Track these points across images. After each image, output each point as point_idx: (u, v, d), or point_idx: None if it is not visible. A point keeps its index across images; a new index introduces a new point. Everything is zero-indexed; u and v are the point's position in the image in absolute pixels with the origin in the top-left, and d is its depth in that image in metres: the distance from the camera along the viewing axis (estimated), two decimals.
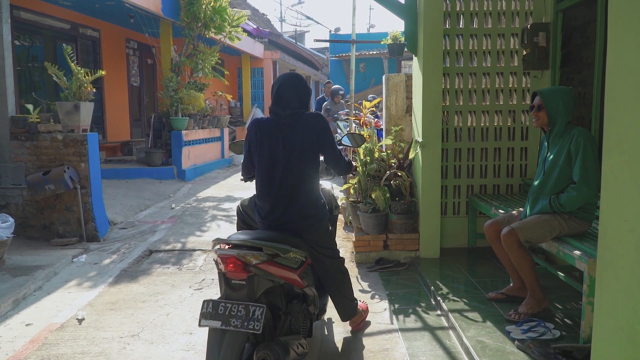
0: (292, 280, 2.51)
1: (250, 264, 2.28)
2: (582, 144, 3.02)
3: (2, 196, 5.67)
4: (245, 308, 2.23)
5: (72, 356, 3.09)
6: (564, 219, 3.12)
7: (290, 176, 2.76)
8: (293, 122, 2.79)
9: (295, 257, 2.51)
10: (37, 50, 9.43)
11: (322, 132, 2.83)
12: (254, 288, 2.32)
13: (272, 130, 2.81)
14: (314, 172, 2.86)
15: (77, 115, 5.59)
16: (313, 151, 2.83)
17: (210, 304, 2.28)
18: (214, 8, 10.12)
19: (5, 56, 5.45)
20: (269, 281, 2.38)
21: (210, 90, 12.08)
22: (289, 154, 2.76)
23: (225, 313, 2.24)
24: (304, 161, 2.78)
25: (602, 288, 1.80)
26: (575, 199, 3.04)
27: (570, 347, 2.71)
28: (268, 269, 2.34)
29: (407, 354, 3.03)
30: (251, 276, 2.31)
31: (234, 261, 2.28)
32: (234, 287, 2.33)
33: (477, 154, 4.84)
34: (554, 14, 4.45)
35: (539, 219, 3.17)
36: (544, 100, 3.20)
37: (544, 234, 3.15)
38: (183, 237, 5.79)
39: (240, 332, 2.22)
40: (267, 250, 2.34)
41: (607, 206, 1.75)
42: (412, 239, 4.70)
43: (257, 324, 2.20)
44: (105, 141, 10.99)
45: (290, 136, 2.77)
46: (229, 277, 2.33)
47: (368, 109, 5.54)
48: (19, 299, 3.93)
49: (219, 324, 2.22)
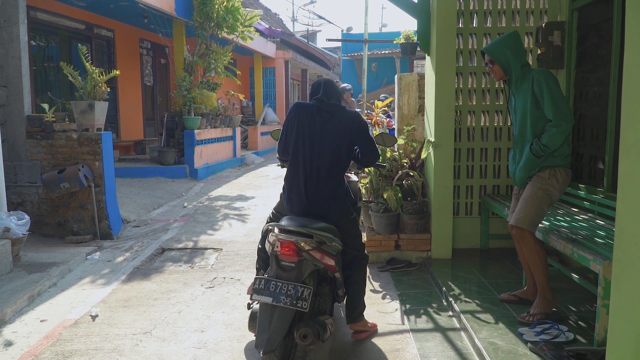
0: (330, 266, 2.74)
1: (303, 249, 2.55)
2: (543, 82, 3.04)
3: (18, 194, 5.76)
4: (294, 288, 2.48)
5: (86, 352, 3.13)
6: (547, 182, 3.13)
7: (322, 158, 2.96)
8: (334, 111, 3.02)
9: (335, 245, 2.76)
10: (52, 50, 9.56)
11: (359, 128, 3.03)
12: (302, 270, 2.58)
13: (313, 114, 3.02)
14: (344, 159, 3.03)
15: (92, 115, 5.65)
16: (346, 141, 3.00)
17: (262, 281, 2.52)
18: (227, 8, 10.16)
19: (22, 56, 5.53)
20: (313, 265, 2.63)
21: (222, 90, 12.14)
22: (324, 137, 2.97)
23: (276, 290, 2.47)
24: (336, 147, 2.97)
25: (617, 290, 1.77)
26: (556, 135, 3.03)
27: (585, 350, 2.67)
28: (316, 255, 2.61)
29: (418, 355, 3.02)
30: (301, 260, 2.57)
31: (290, 245, 2.53)
32: (284, 268, 2.57)
33: (490, 154, 4.80)
34: (569, 13, 4.39)
35: (528, 200, 3.17)
36: (491, 53, 3.27)
37: (542, 209, 3.16)
38: (195, 236, 5.83)
39: (289, 309, 2.45)
40: (317, 238, 2.59)
41: (624, 207, 1.72)
42: (423, 239, 4.68)
43: (305, 303, 2.45)
44: (119, 140, 11.09)
45: (329, 122, 2.99)
46: (282, 258, 2.57)
47: (380, 109, 5.52)
48: (34, 295, 3.99)
49: (270, 300, 2.46)
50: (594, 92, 4.11)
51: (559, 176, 3.14)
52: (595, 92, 4.10)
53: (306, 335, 2.47)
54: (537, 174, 3.19)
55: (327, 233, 2.70)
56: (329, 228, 2.79)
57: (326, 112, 3.02)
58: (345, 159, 3.05)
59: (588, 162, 4.20)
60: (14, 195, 5.72)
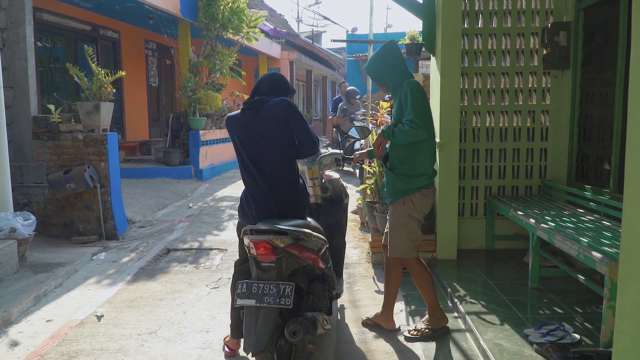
0: (314, 261, 2.69)
1: (278, 247, 2.49)
2: (409, 92, 3.02)
3: (25, 194, 5.80)
4: (276, 286, 2.46)
5: (91, 352, 3.14)
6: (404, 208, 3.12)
7: (266, 162, 2.77)
8: (256, 109, 2.77)
9: (316, 240, 2.69)
10: (58, 51, 9.61)
11: (287, 112, 2.74)
12: (282, 269, 2.54)
13: (238, 122, 2.83)
14: (288, 154, 2.81)
15: (98, 115, 5.68)
16: (281, 134, 2.75)
17: (244, 285, 2.50)
18: (232, 9, 10.18)
19: (29, 57, 5.57)
20: (294, 262, 2.59)
21: (227, 91, 12.16)
22: (255, 141, 2.77)
23: (258, 292, 2.46)
24: (274, 145, 2.75)
25: (624, 292, 1.76)
26: (408, 132, 2.98)
27: (591, 352, 2.66)
28: (294, 251, 2.56)
29: (424, 356, 3.01)
30: (279, 258, 2.52)
31: (264, 245, 2.48)
32: (264, 269, 2.55)
33: (495, 154, 4.78)
34: (575, 13, 4.38)
35: (394, 230, 3.18)
36: (369, 74, 3.29)
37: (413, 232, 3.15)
38: (200, 236, 5.84)
39: (273, 308, 2.44)
40: (292, 234, 2.53)
41: (630, 208, 1.71)
42: (429, 240, 4.66)
43: (287, 300, 2.43)
44: (125, 141, 11.14)
45: (252, 124, 2.76)
46: (260, 260, 2.54)
47: (385, 109, 5.51)
48: (39, 296, 4.01)
49: (254, 302, 2.44)
50: (600, 93, 4.09)
51: (415, 199, 3.12)
52: (601, 92, 4.08)
53: (295, 331, 2.46)
54: (393, 203, 3.18)
55: (304, 229, 2.63)
56: (306, 224, 2.74)
57: (247, 114, 2.78)
58: (289, 154, 2.81)
59: (594, 163, 4.18)
60: (20, 195, 5.75)
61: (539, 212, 3.90)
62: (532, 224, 3.67)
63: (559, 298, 3.61)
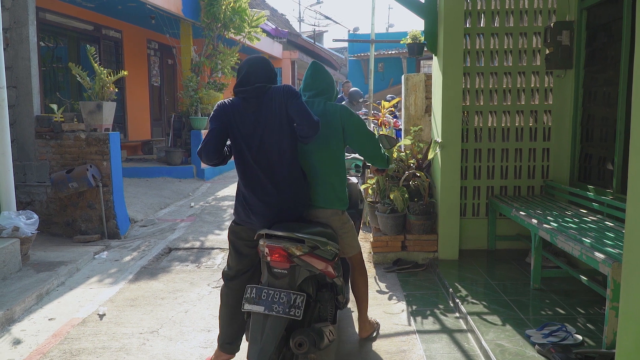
0: (326, 271, 2.62)
1: (294, 255, 2.41)
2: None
3: (27, 193, 5.81)
4: (287, 295, 2.36)
5: (93, 351, 3.14)
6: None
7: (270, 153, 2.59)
8: (261, 95, 2.58)
9: (331, 249, 2.62)
10: (61, 51, 9.63)
11: (289, 97, 2.57)
12: (295, 277, 2.46)
13: (239, 112, 2.60)
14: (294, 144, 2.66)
15: (100, 115, 5.69)
16: (290, 125, 2.60)
17: (254, 290, 2.40)
18: (234, 9, 10.19)
19: (31, 57, 5.58)
20: (307, 271, 2.51)
21: (229, 90, 12.17)
22: (263, 129, 2.57)
23: (268, 299, 2.36)
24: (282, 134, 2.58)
25: (627, 293, 1.76)
26: None
27: (593, 353, 2.65)
28: (309, 260, 2.48)
29: (425, 356, 3.01)
30: (293, 266, 2.44)
31: (280, 252, 2.41)
32: (276, 276, 2.45)
33: (497, 154, 4.77)
34: (578, 12, 4.36)
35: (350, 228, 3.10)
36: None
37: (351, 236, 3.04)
38: (202, 236, 5.85)
39: (282, 318, 2.35)
40: (308, 242, 2.45)
41: (633, 208, 1.71)
42: (430, 240, 4.66)
43: (298, 311, 2.34)
44: (127, 140, 11.15)
45: (261, 110, 2.57)
46: (273, 265, 2.45)
47: (387, 109, 5.51)
48: (42, 294, 4.01)
49: (262, 309, 2.34)
50: (603, 93, 4.08)
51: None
52: (604, 92, 4.07)
53: (301, 343, 2.35)
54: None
55: (321, 237, 2.54)
56: (323, 232, 2.63)
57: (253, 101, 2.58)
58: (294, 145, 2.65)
59: (597, 163, 4.17)
60: (23, 194, 5.76)
61: (541, 212, 3.89)
62: (534, 224, 3.67)
63: (561, 299, 3.60)
